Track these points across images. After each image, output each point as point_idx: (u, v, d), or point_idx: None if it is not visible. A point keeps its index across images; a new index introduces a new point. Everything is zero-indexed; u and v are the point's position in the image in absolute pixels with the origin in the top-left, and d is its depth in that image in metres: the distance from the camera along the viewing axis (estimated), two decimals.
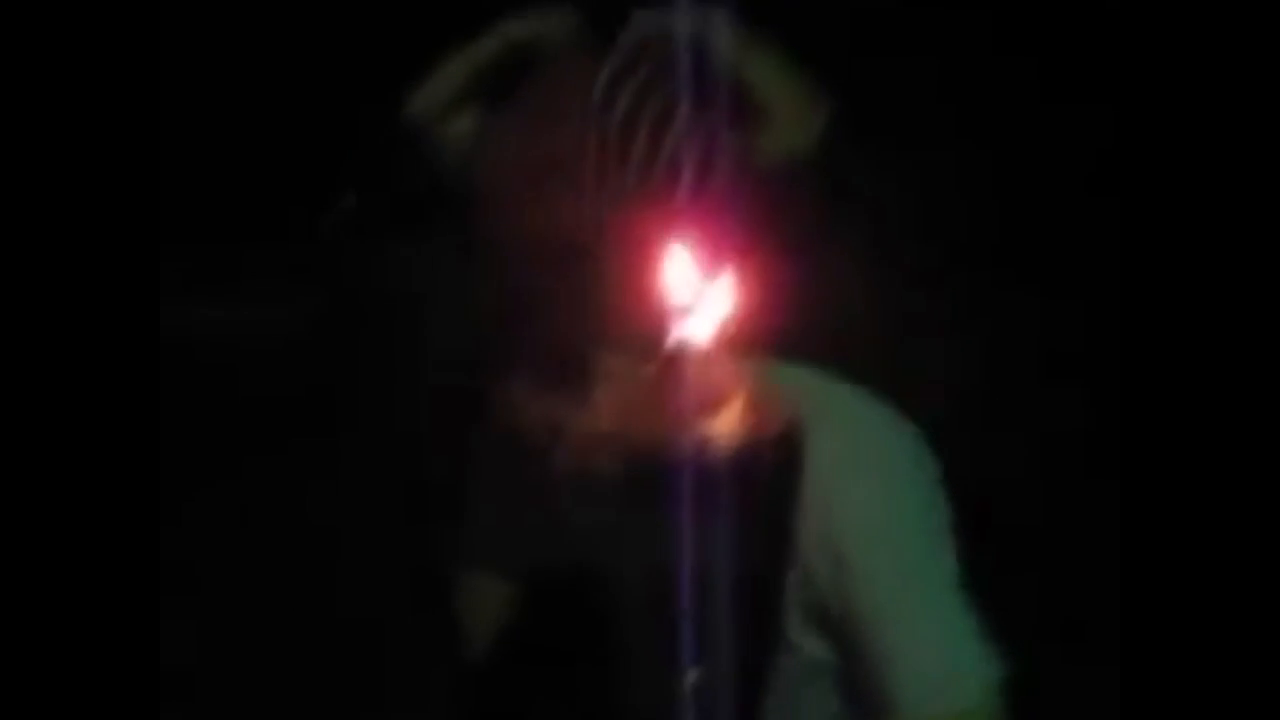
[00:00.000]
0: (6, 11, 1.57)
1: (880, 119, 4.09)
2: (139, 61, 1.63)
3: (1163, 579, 1.63)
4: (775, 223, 2.13)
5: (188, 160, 4.19)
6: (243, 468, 3.95)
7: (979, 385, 3.74)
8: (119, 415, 1.56)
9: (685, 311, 1.15)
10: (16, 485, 1.51)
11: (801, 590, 1.59)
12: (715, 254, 1.20)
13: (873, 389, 2.07)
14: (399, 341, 4.44)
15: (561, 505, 1.46)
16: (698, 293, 1.16)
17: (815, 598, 1.60)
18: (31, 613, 1.51)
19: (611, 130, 1.91)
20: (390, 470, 3.91)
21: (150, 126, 1.63)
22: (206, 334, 4.49)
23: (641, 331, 1.17)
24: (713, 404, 1.12)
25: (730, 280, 1.17)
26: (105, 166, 1.59)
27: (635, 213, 1.92)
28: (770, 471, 1.13)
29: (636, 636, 1.13)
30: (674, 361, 1.14)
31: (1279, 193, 1.62)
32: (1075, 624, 3.28)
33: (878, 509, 1.58)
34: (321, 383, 4.42)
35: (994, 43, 5.21)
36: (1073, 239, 4.91)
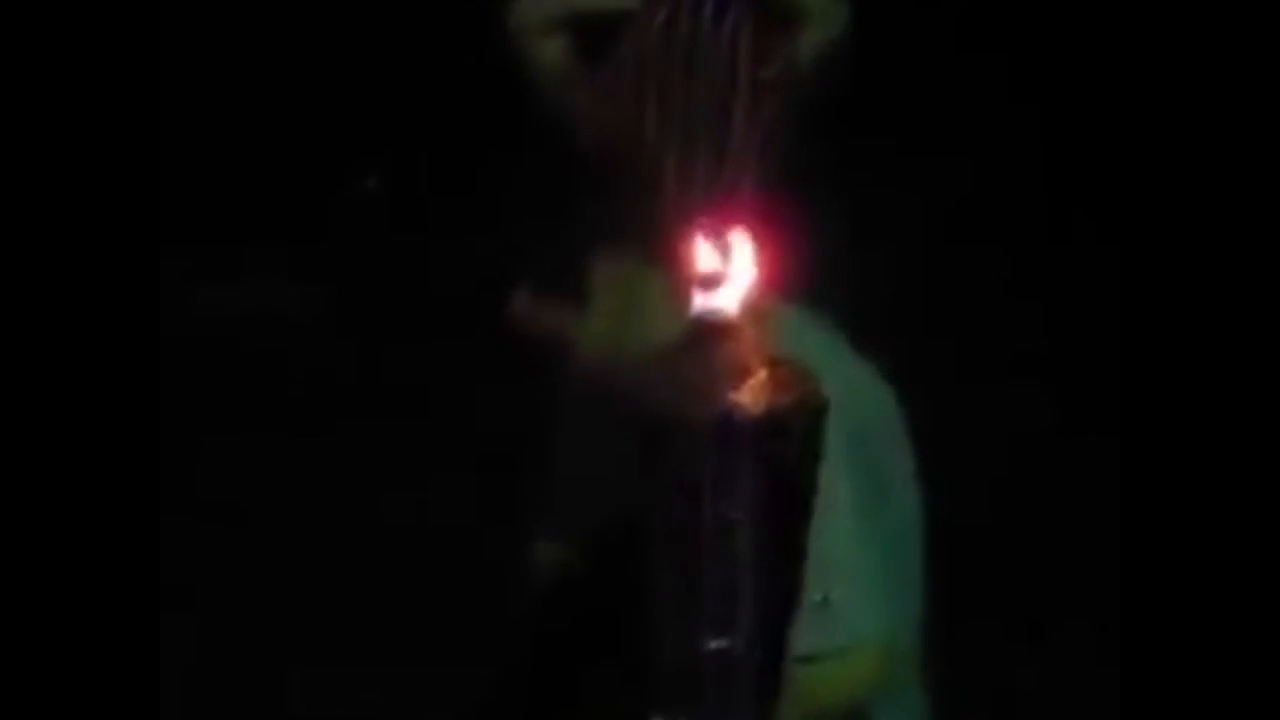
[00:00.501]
0: (7, 10, 1.57)
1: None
2: (139, 57, 1.62)
3: (1160, 579, 1.63)
4: (790, 200, 2.19)
5: (189, 152, 4.21)
6: (243, 460, 3.96)
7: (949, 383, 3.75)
8: (119, 408, 1.55)
9: (712, 282, 1.15)
10: (16, 481, 1.50)
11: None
12: (740, 227, 1.21)
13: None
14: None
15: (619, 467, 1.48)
16: (723, 264, 1.17)
17: None
18: (31, 607, 1.51)
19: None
20: (398, 463, 3.93)
21: (151, 120, 1.63)
22: (207, 328, 4.49)
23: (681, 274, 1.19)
24: (737, 374, 1.13)
25: (752, 252, 1.17)
26: (106, 160, 1.58)
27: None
28: (794, 440, 1.14)
29: (665, 601, 1.14)
30: (699, 330, 1.15)
31: (1246, 190, 1.64)
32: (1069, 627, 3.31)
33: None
34: (325, 374, 4.43)
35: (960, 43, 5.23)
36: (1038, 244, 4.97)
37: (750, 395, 1.13)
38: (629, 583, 1.13)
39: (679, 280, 1.89)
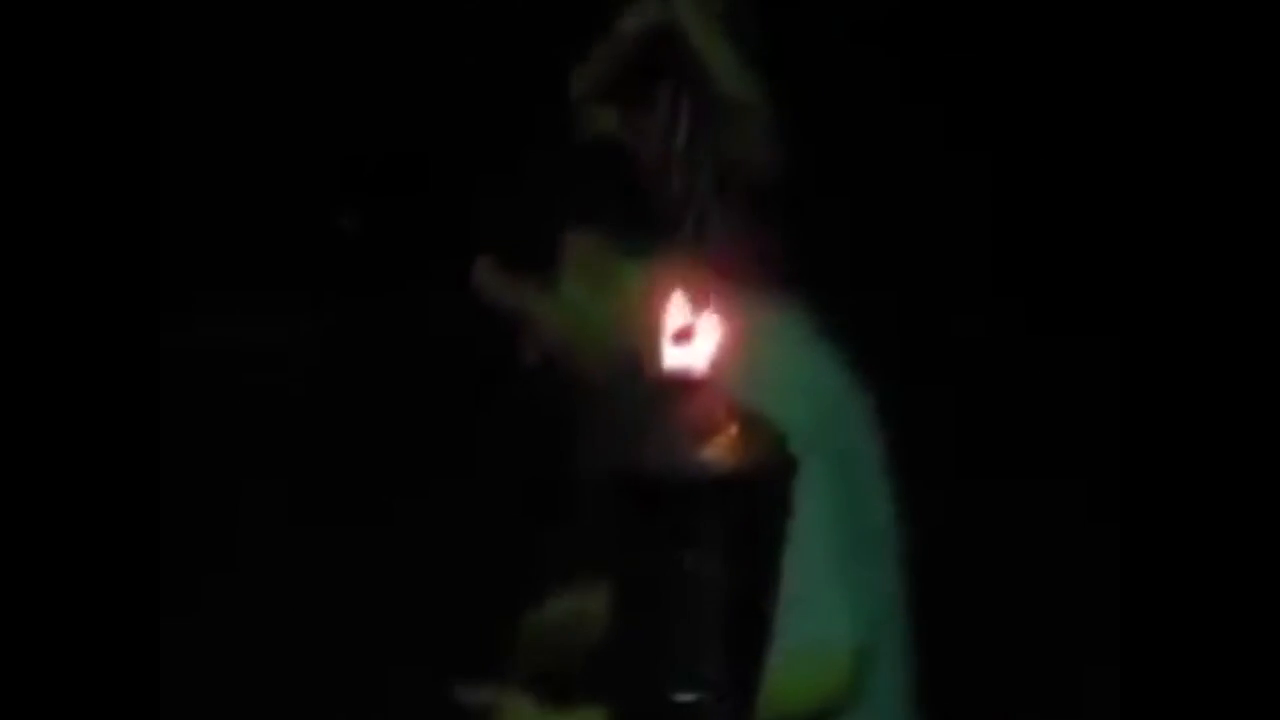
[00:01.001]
0: (7, 20, 1.59)
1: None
2: (139, 95, 1.64)
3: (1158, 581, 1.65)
4: (750, 254, 2.28)
5: (189, 194, 4.22)
6: (243, 486, 3.97)
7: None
8: (119, 431, 1.57)
9: (683, 337, 1.16)
10: (17, 501, 1.52)
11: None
12: (709, 283, 1.22)
13: None
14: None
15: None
16: (693, 321, 1.18)
17: None
18: (32, 622, 1.52)
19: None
20: (399, 482, 3.94)
21: (151, 159, 1.64)
22: (208, 349, 4.50)
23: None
24: (705, 431, 1.14)
25: (721, 309, 1.19)
26: (107, 200, 1.60)
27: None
28: (761, 499, 1.15)
29: (631, 654, 1.15)
30: (668, 387, 1.16)
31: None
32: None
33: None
34: (325, 397, 4.44)
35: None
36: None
37: (720, 451, 1.14)
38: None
39: (656, 275, 1.97)
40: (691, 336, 1.17)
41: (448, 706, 2.04)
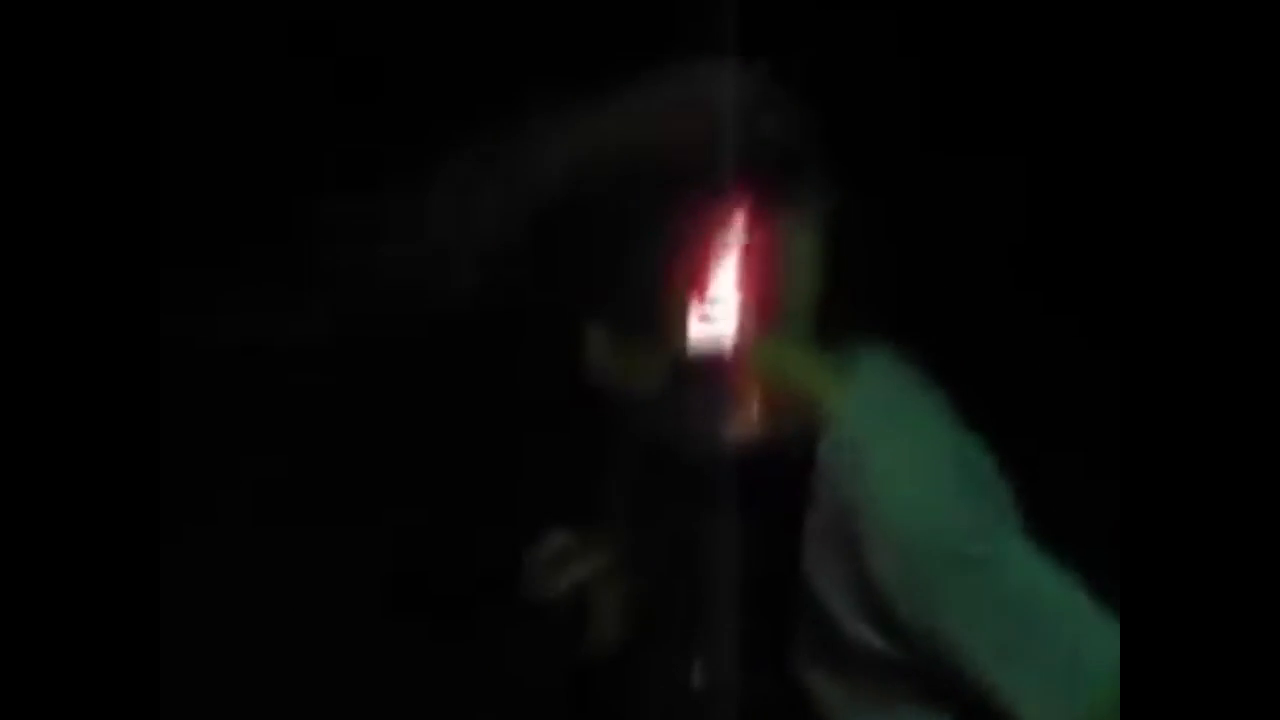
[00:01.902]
0: (6, 19, 1.58)
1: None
2: (139, 67, 1.63)
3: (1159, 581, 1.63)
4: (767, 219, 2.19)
5: (189, 185, 4.20)
6: (244, 478, 3.96)
7: None
8: (119, 427, 1.56)
9: (707, 311, 1.15)
10: (15, 498, 1.51)
11: (859, 592, 1.58)
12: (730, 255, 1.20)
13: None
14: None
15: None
16: (717, 293, 1.16)
17: (879, 600, 1.59)
18: (29, 619, 1.52)
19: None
20: (397, 484, 3.93)
21: (151, 133, 1.64)
22: (206, 360, 4.49)
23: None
24: (733, 404, 1.13)
25: (743, 280, 1.17)
26: (105, 175, 1.60)
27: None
28: (787, 471, 1.13)
29: (663, 630, 1.13)
30: (696, 360, 1.15)
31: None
32: None
33: (933, 515, 1.58)
34: (326, 391, 4.43)
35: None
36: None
37: (745, 425, 1.12)
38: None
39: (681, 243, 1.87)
40: (717, 313, 1.15)
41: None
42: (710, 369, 1.14)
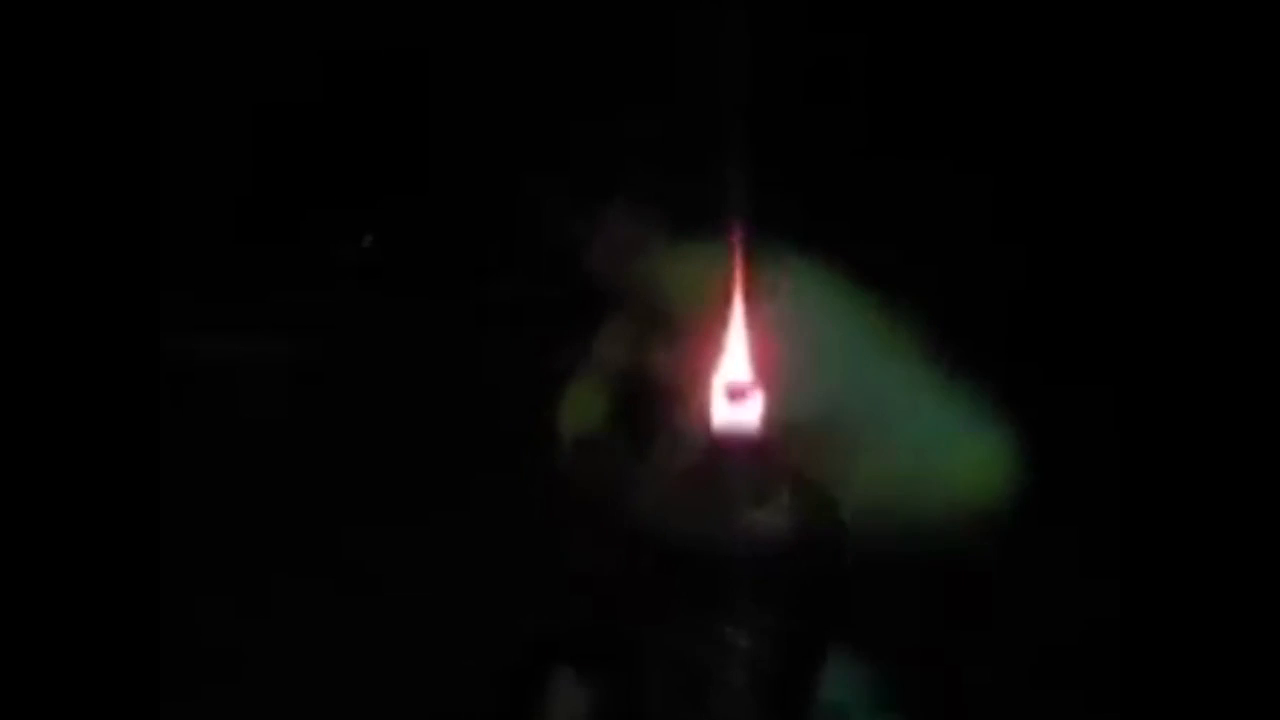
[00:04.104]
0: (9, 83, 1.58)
1: None
2: (140, 109, 1.64)
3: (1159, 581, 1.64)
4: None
5: (189, 205, 4.21)
6: (243, 498, 3.96)
7: None
8: (119, 447, 1.56)
9: (737, 394, 1.12)
10: (15, 516, 1.51)
11: None
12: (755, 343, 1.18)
13: None
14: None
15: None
16: (743, 379, 1.13)
17: None
18: (29, 637, 1.52)
19: None
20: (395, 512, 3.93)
21: (151, 173, 1.64)
22: (206, 379, 4.50)
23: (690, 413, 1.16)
24: (758, 495, 1.10)
25: (769, 367, 1.15)
26: (106, 212, 1.60)
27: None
28: (814, 568, 1.11)
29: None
30: (719, 449, 1.12)
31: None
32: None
33: None
34: (324, 413, 4.43)
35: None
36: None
37: (775, 515, 1.10)
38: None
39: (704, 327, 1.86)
40: (744, 393, 1.13)
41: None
42: (738, 452, 1.11)
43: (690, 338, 1.86)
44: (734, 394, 1.13)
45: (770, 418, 1.11)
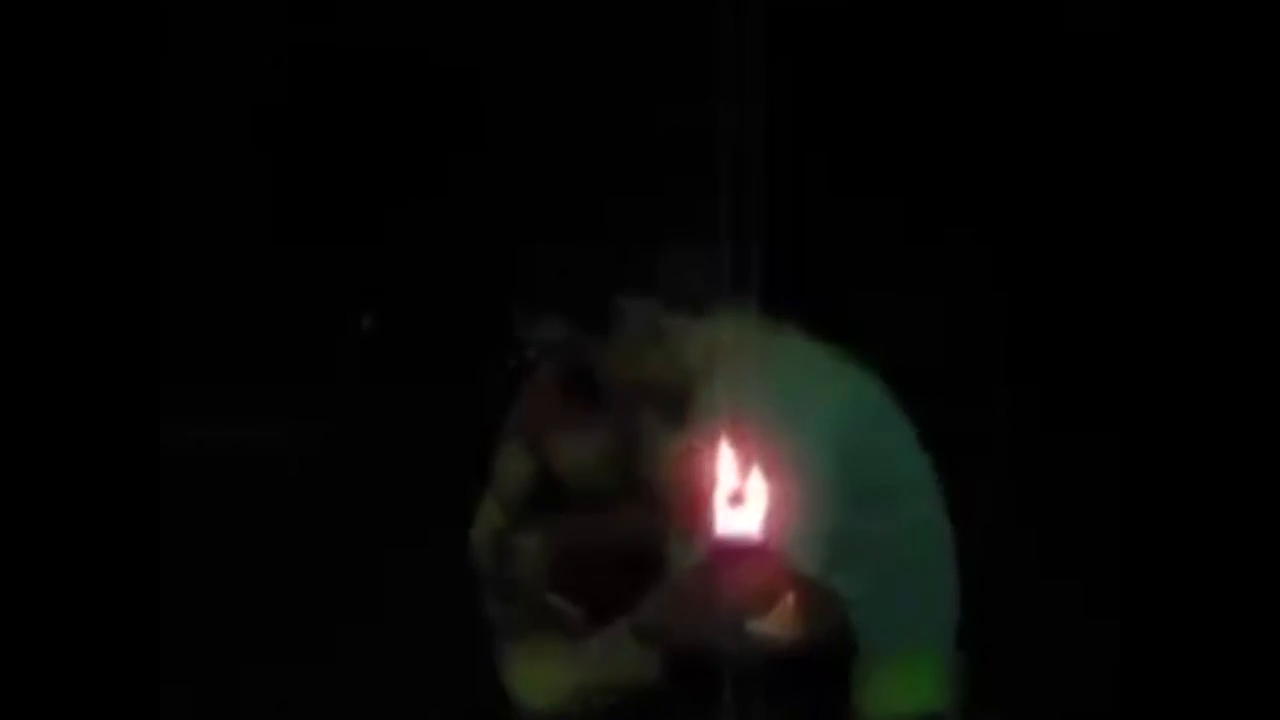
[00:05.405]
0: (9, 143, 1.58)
1: None
2: (140, 183, 1.62)
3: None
4: None
5: (190, 295, 4.19)
6: (243, 586, 3.97)
7: None
8: (119, 544, 1.56)
9: (736, 501, 1.11)
10: (22, 603, 1.52)
11: None
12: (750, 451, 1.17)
13: None
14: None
15: None
16: (743, 487, 1.13)
17: None
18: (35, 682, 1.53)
19: None
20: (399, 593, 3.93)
21: (152, 258, 1.63)
22: (206, 466, 4.49)
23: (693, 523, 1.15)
24: (762, 602, 1.10)
25: (769, 474, 1.14)
26: (108, 298, 1.59)
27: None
28: (820, 671, 1.12)
29: None
30: (723, 557, 1.12)
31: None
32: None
33: None
34: (324, 500, 4.42)
35: None
36: None
37: (777, 622, 1.10)
38: None
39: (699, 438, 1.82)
40: (743, 500, 1.12)
41: None
42: (741, 560, 1.11)
43: (694, 437, 1.81)
44: (733, 501, 1.12)
45: (770, 524, 1.10)
